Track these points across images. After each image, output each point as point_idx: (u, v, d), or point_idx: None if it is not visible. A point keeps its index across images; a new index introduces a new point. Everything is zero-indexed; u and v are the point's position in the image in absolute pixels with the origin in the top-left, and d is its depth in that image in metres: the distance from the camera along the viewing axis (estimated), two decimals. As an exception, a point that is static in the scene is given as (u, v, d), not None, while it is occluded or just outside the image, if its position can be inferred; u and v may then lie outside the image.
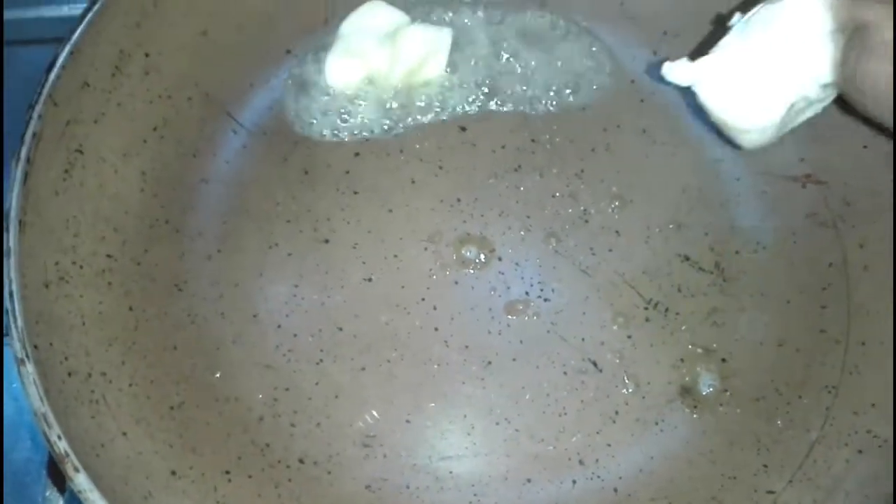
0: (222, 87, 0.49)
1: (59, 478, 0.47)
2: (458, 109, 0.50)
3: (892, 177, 0.44)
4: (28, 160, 0.40)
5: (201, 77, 0.48)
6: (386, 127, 0.49)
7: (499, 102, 0.50)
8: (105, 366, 0.40)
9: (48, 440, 0.36)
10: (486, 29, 0.51)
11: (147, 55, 0.45)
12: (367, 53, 0.49)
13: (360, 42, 0.49)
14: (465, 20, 0.51)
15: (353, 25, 0.50)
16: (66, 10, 0.60)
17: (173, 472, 0.40)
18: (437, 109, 0.50)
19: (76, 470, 0.35)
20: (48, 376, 0.37)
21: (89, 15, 0.43)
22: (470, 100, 0.50)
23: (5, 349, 0.47)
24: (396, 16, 0.50)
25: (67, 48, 0.42)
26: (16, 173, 0.39)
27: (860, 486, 0.39)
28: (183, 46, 0.47)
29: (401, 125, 0.49)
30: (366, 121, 0.49)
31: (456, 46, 0.50)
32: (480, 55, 0.50)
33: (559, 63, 0.51)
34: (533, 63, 0.50)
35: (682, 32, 0.51)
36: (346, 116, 0.49)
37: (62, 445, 0.36)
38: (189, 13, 0.47)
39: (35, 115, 0.40)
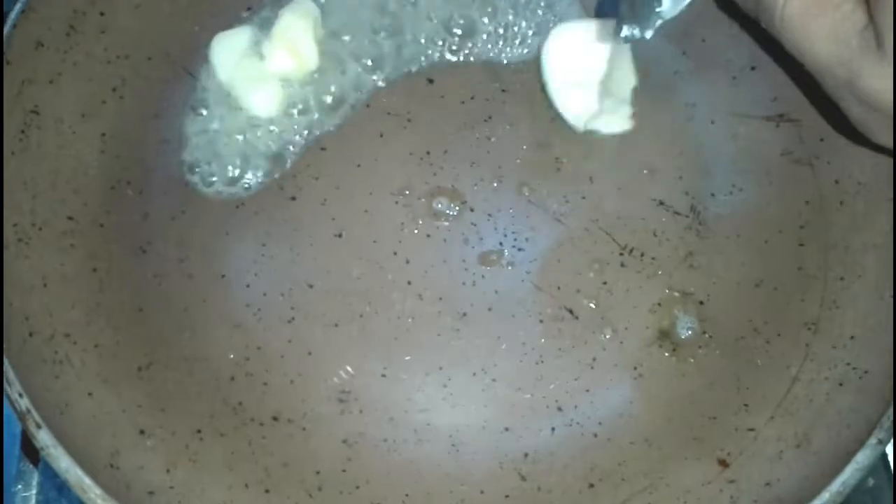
0: (182, 45, 0.47)
1: (33, 453, 0.46)
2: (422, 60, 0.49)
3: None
4: (-19, 118, 0.39)
5: (160, 36, 0.47)
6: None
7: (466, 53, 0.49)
8: (69, 327, 0.40)
9: (9, 398, 0.35)
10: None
11: (102, 14, 0.44)
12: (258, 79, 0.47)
13: (246, 73, 0.47)
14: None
15: (226, 66, 0.47)
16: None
17: (142, 431, 0.39)
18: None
19: (38, 426, 0.35)
20: (8, 335, 0.36)
21: (40, -28, 0.42)
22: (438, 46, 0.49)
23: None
24: (244, 36, 0.48)
25: (18, 6, 0.41)
26: (-32, 133, 0.38)
27: (841, 417, 0.39)
28: (139, 4, 0.46)
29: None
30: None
31: None
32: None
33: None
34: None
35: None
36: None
37: (23, 403, 0.35)
38: (144, -30, 0.46)
39: (-14, 73, 0.39)
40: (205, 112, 0.47)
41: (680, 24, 0.48)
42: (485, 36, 0.49)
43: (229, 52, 0.47)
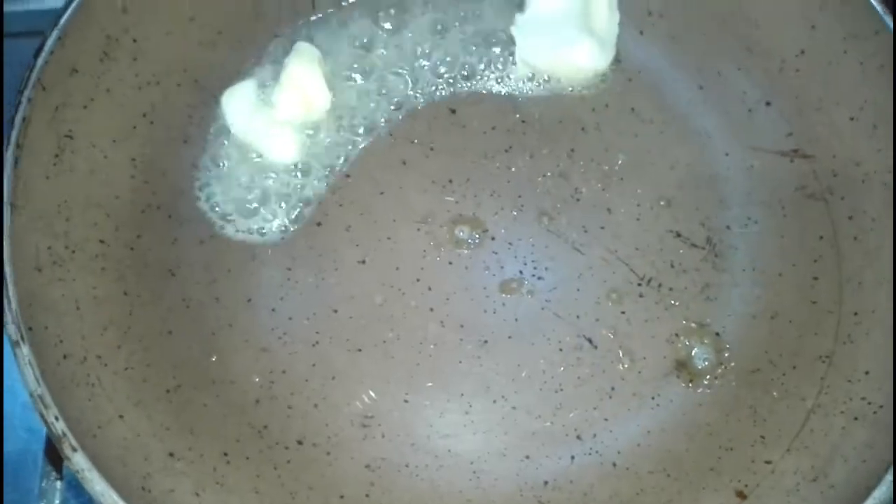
0: (211, 72, 0.48)
1: (57, 462, 0.46)
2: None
3: (877, 147, 0.45)
4: (18, 144, 0.40)
5: (189, 62, 0.48)
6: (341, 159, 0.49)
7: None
8: (100, 349, 0.40)
9: (45, 421, 0.35)
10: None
11: (135, 40, 0.45)
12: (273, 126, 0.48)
13: (261, 125, 0.48)
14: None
15: (238, 118, 0.48)
16: (49, 3, 0.59)
17: (171, 454, 0.40)
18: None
19: (74, 449, 0.35)
20: (43, 358, 0.37)
21: (76, 0, 0.43)
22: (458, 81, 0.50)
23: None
24: (251, 88, 0.49)
25: (55, 33, 0.42)
26: (6, 157, 0.39)
27: (857, 452, 0.40)
28: (170, 32, 0.47)
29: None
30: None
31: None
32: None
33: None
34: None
35: (667, 12, 0.51)
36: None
37: (59, 426, 0.35)
38: (176, -2, 0.47)
39: (24, 100, 0.40)
40: (225, 164, 0.48)
41: (695, 57, 0.50)
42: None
43: (240, 106, 0.47)
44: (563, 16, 0.49)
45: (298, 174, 0.48)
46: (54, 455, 0.46)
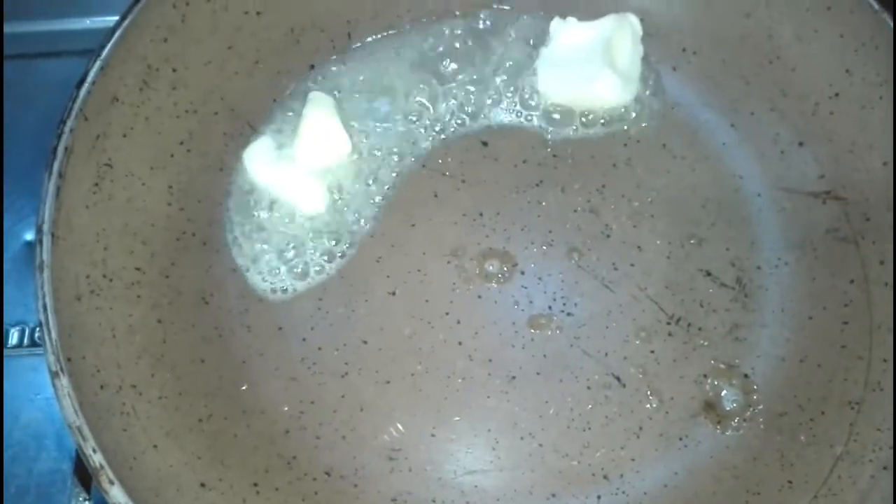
0: (247, 101, 0.49)
1: (86, 482, 0.47)
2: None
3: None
4: (60, 174, 0.40)
5: (227, 91, 0.48)
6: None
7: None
8: (135, 378, 0.41)
9: (83, 453, 0.36)
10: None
11: (174, 70, 0.46)
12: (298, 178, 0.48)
13: (285, 178, 0.48)
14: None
15: (262, 174, 0.48)
16: (88, 24, 0.60)
17: (203, 485, 0.40)
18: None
19: (111, 482, 0.36)
20: (81, 389, 0.37)
21: (118, 30, 0.43)
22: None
23: (22, 359, 0.48)
24: (269, 143, 0.49)
25: (98, 63, 0.43)
26: (48, 187, 0.40)
27: (885, 502, 0.39)
28: (209, 61, 0.47)
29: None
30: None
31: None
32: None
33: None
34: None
35: (701, 49, 0.51)
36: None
37: (97, 458, 0.36)
38: (216, 29, 0.47)
39: (66, 130, 0.41)
40: (258, 214, 0.48)
41: (729, 96, 0.50)
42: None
43: (262, 162, 0.48)
44: (585, 50, 0.50)
45: (329, 221, 0.48)
46: (84, 475, 0.47)
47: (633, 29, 0.50)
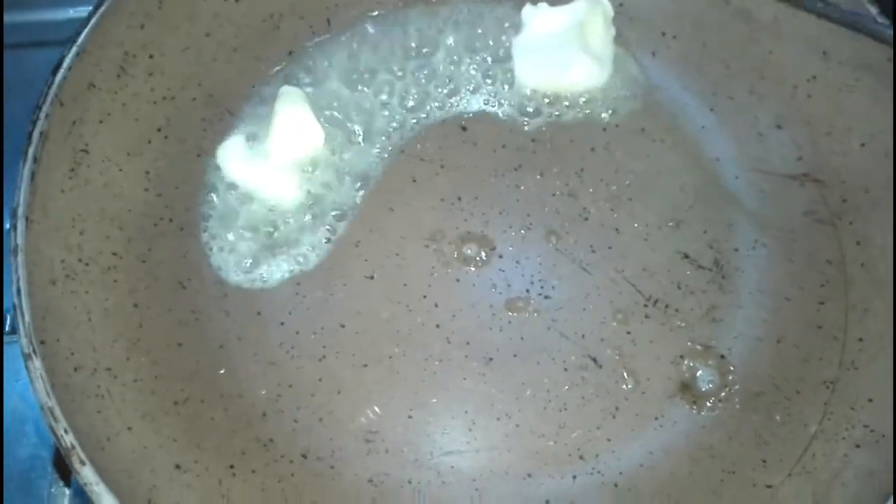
0: (225, 87, 0.49)
1: (65, 471, 0.47)
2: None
3: (889, 174, 0.45)
4: (35, 159, 0.40)
5: (204, 78, 0.48)
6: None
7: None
8: (110, 361, 0.41)
9: (55, 434, 0.36)
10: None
11: (151, 56, 0.46)
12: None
13: (259, 173, 0.48)
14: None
15: (237, 170, 0.48)
16: (70, 13, 0.61)
17: (178, 466, 0.40)
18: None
19: (82, 463, 0.36)
20: (55, 371, 0.38)
21: (95, 17, 0.44)
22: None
23: (6, 346, 0.48)
24: (242, 140, 0.48)
25: (74, 49, 0.43)
26: (23, 172, 0.40)
27: (858, 479, 0.40)
28: (187, 47, 0.48)
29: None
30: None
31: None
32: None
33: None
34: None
35: (680, 34, 0.52)
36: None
37: (68, 439, 0.36)
38: (193, 15, 0.47)
39: (42, 115, 0.41)
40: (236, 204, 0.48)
41: (708, 80, 0.50)
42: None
43: (236, 159, 0.47)
44: (558, 36, 0.50)
45: (308, 214, 0.48)
46: (62, 464, 0.47)
47: (605, 11, 0.50)
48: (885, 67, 0.45)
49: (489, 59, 0.52)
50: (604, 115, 0.51)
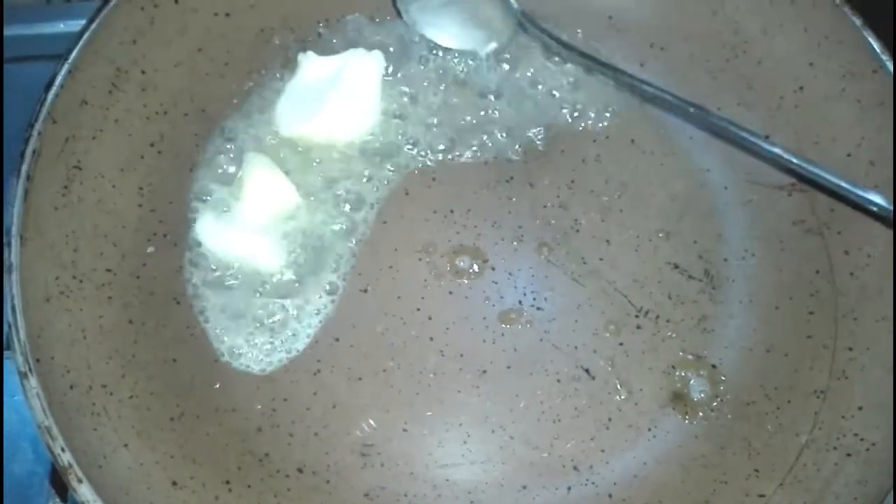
0: (218, 101, 0.49)
1: (62, 489, 0.47)
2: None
3: (874, 184, 0.45)
4: (28, 177, 0.40)
5: (197, 92, 0.48)
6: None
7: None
8: (106, 378, 0.41)
9: (52, 452, 0.36)
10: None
11: (143, 72, 0.46)
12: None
13: (239, 243, 0.47)
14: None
15: (219, 244, 0.47)
16: (61, 27, 0.60)
17: (174, 483, 0.40)
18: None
19: (79, 481, 0.36)
20: (50, 389, 0.38)
21: (86, 34, 0.44)
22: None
23: (6, 363, 0.48)
24: (211, 219, 0.47)
25: (66, 67, 0.43)
26: (16, 190, 0.40)
27: (848, 489, 0.40)
28: (179, 63, 0.48)
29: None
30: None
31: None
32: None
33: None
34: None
35: (669, 45, 0.52)
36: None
37: (66, 457, 0.36)
38: (184, 30, 0.47)
39: (35, 133, 0.41)
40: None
41: (696, 91, 0.51)
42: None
43: (215, 236, 0.46)
44: (321, 84, 0.49)
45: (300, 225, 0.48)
46: (59, 482, 0.47)
47: (376, 64, 0.49)
48: (870, 78, 0.46)
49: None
50: (594, 126, 0.51)
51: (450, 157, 0.50)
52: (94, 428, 0.39)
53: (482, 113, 0.51)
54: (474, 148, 0.50)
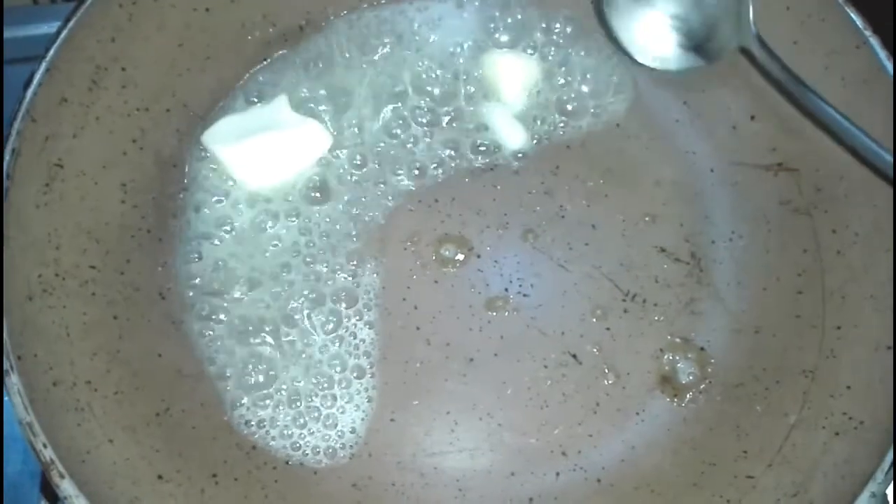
0: (199, 96, 0.49)
1: (51, 490, 0.47)
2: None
3: (861, 161, 0.45)
4: (8, 176, 0.40)
5: (178, 88, 0.48)
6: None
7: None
8: (90, 374, 0.41)
9: (34, 448, 0.36)
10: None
11: (123, 69, 0.46)
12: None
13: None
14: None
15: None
16: (44, 29, 0.60)
17: (160, 477, 0.40)
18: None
19: (61, 476, 0.36)
20: (33, 386, 0.38)
21: (64, 32, 0.44)
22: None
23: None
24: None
25: (44, 65, 0.43)
26: (-3, 189, 0.40)
27: (837, 467, 0.40)
28: (159, 59, 0.48)
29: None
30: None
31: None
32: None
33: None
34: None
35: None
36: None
37: (47, 453, 0.36)
38: (163, 26, 0.47)
39: (14, 132, 0.41)
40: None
41: (681, 75, 0.50)
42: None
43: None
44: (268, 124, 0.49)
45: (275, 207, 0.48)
46: (48, 483, 0.47)
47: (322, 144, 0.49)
48: (853, 55, 0.45)
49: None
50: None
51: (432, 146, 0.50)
52: (79, 424, 0.39)
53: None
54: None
